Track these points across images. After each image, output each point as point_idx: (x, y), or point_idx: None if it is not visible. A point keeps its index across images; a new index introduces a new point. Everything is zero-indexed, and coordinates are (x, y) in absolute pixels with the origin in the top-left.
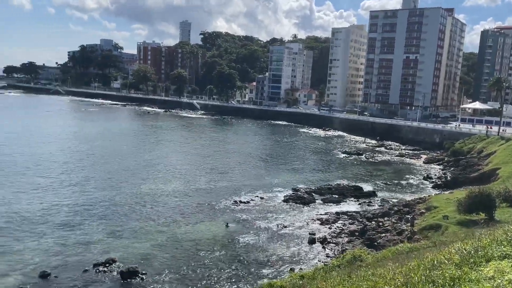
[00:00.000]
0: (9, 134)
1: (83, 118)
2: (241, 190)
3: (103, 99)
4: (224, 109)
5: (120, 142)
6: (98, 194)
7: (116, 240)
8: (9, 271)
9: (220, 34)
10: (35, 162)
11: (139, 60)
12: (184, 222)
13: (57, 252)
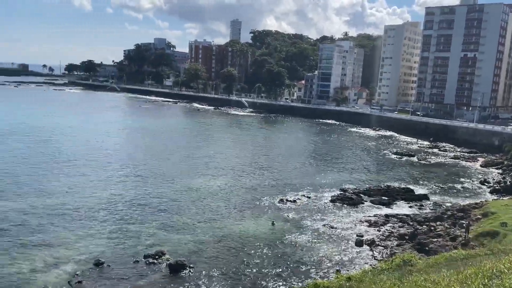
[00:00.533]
0: (71, 128)
1: (138, 114)
2: (288, 189)
3: (155, 96)
4: (272, 107)
5: (171, 138)
6: (150, 188)
7: (166, 233)
8: (67, 259)
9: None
10: (93, 155)
11: (191, 58)
12: (231, 218)
13: (111, 243)
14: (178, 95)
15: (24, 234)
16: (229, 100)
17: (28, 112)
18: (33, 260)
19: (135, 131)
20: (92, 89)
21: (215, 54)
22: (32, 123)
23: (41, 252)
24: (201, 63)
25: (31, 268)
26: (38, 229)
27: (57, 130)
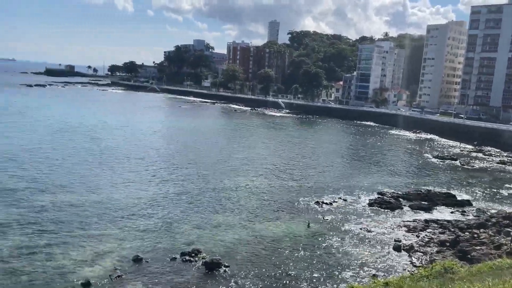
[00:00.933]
0: (115, 127)
1: (177, 115)
2: (324, 191)
3: (194, 97)
4: (309, 108)
5: (208, 138)
6: (188, 186)
7: (202, 232)
8: (107, 253)
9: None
10: (135, 154)
11: (229, 59)
12: (266, 218)
13: (149, 239)
14: (215, 96)
15: (70, 227)
16: (266, 101)
17: (76, 111)
18: (78, 252)
19: (174, 131)
20: (134, 90)
21: (253, 55)
22: (80, 122)
23: (85, 245)
24: (239, 64)
25: (76, 260)
26: (83, 223)
27: (102, 128)
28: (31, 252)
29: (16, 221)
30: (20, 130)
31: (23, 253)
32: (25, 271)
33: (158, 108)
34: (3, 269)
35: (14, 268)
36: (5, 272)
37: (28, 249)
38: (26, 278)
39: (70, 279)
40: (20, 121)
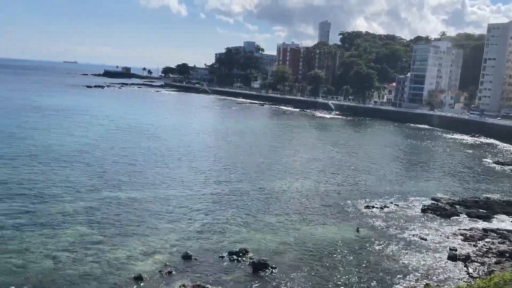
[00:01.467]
0: (167, 126)
1: (227, 115)
2: (374, 195)
3: (243, 98)
4: (360, 110)
5: (257, 139)
6: (236, 186)
7: (249, 232)
8: (158, 249)
9: (360, 33)
10: (186, 152)
11: (278, 61)
12: (314, 221)
13: (198, 237)
14: (264, 97)
15: (124, 222)
16: (315, 102)
17: (132, 111)
18: (131, 247)
19: (224, 132)
20: (185, 91)
21: (303, 56)
22: (136, 121)
23: (138, 240)
24: (289, 65)
25: (129, 254)
26: (136, 219)
27: (157, 127)
28: (88, 244)
29: (74, 215)
30: (82, 128)
31: (81, 245)
32: (83, 262)
33: (209, 109)
34: (62, 260)
35: (72, 259)
36: (63, 263)
37: (86, 242)
38: (83, 269)
39: (123, 272)
40: (82, 120)
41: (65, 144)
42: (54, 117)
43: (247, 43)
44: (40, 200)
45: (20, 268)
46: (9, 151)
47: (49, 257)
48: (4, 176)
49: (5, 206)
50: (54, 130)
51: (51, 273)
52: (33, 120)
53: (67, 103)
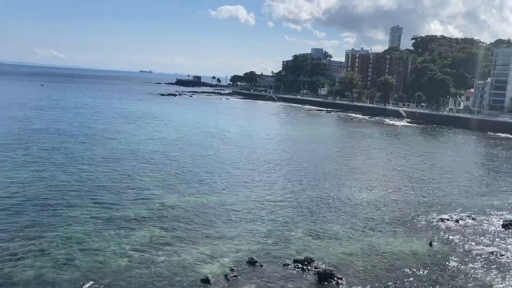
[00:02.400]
0: (235, 132)
1: (293, 122)
2: (449, 207)
3: (310, 105)
4: (434, 118)
5: (324, 146)
6: (302, 194)
7: (315, 240)
8: (224, 253)
9: (434, 37)
10: (253, 158)
11: (347, 67)
12: (382, 232)
13: (263, 243)
14: (332, 104)
15: (192, 225)
16: (385, 110)
17: (202, 118)
18: (198, 250)
19: (290, 138)
20: (252, 98)
21: (372, 62)
22: (206, 127)
23: (205, 244)
24: (357, 71)
25: (195, 258)
26: (203, 223)
27: (226, 133)
28: (159, 245)
29: (147, 217)
30: (158, 133)
31: (152, 246)
32: (154, 263)
33: (275, 116)
34: (135, 259)
35: (144, 259)
36: (137, 262)
37: (157, 243)
38: (154, 269)
39: (191, 274)
40: (157, 125)
41: (143, 149)
42: (135, 123)
43: (315, 50)
44: (117, 201)
45: (99, 264)
46: (97, 153)
47: (124, 256)
48: (90, 177)
49: (88, 205)
50: (134, 135)
51: (125, 270)
52: (116, 126)
53: (144, 110)
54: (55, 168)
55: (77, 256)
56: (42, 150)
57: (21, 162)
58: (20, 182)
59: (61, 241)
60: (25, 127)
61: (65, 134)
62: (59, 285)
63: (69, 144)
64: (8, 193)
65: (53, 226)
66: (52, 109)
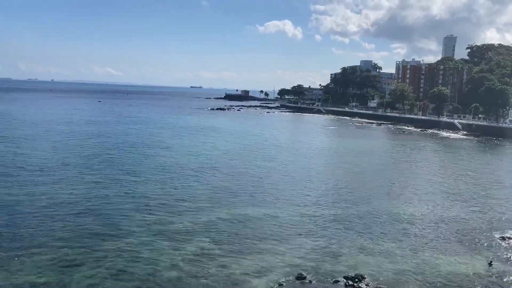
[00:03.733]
0: (283, 145)
1: (341, 135)
2: (510, 224)
3: (359, 118)
4: (492, 130)
5: (372, 159)
6: (351, 208)
7: (366, 257)
8: (273, 267)
9: (491, 46)
10: (301, 172)
11: (397, 79)
12: (437, 250)
13: (312, 258)
14: (382, 116)
15: (241, 238)
16: (438, 122)
17: (250, 131)
18: (247, 263)
19: (340, 151)
20: (300, 112)
21: (424, 73)
22: (254, 141)
23: (254, 257)
24: (409, 83)
25: (244, 271)
26: (251, 236)
27: (272, 147)
28: (208, 258)
29: (196, 229)
30: (208, 146)
31: (201, 258)
32: (203, 275)
33: (323, 129)
34: (185, 271)
35: (194, 272)
36: (186, 274)
37: (206, 256)
38: (204, 282)
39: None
40: (208, 139)
41: (193, 161)
42: (186, 136)
43: (364, 62)
44: (168, 213)
45: (149, 276)
46: (150, 166)
47: (175, 268)
48: (142, 189)
49: (141, 216)
50: (185, 148)
51: (176, 282)
52: (168, 139)
53: (195, 124)
54: (109, 180)
55: (130, 267)
56: (100, 162)
57: (79, 173)
58: (78, 193)
59: (115, 251)
60: (84, 141)
61: (119, 148)
62: None
63: (124, 157)
64: (67, 203)
65: (108, 236)
66: (108, 124)
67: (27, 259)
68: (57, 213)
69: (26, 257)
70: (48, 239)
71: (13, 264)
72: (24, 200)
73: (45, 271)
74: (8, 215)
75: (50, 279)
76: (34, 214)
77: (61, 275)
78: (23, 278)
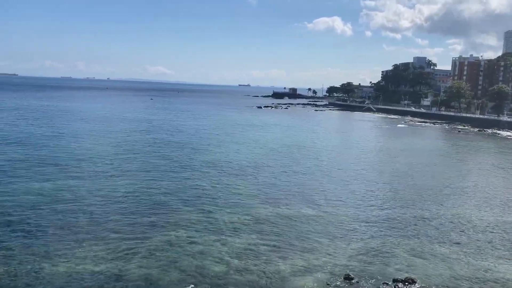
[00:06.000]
0: (330, 144)
1: (392, 134)
2: None
3: (411, 117)
4: None
5: (428, 160)
6: (402, 209)
7: (417, 260)
8: (320, 267)
9: None
10: (349, 171)
11: (453, 76)
12: (494, 256)
13: (360, 259)
14: (436, 115)
15: (288, 237)
16: (498, 121)
17: (297, 129)
18: (294, 261)
19: (390, 151)
20: (349, 110)
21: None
22: (301, 138)
23: (300, 256)
24: (466, 80)
25: (291, 269)
26: (298, 235)
27: (320, 145)
28: (256, 254)
29: (244, 225)
30: (253, 143)
31: (247, 255)
32: (250, 271)
33: (373, 127)
34: (233, 266)
35: (241, 267)
36: (234, 269)
37: (253, 252)
38: (251, 277)
39: (286, 286)
40: (253, 136)
41: (242, 158)
42: (234, 134)
43: (417, 59)
44: (217, 208)
45: (198, 268)
46: (199, 161)
47: (222, 262)
48: (193, 184)
49: (191, 211)
50: (233, 145)
51: (223, 277)
52: (217, 136)
53: (242, 121)
54: (162, 175)
55: (179, 259)
56: (155, 157)
57: (134, 168)
58: (133, 187)
59: (166, 244)
60: (140, 137)
61: (171, 143)
62: (164, 286)
63: (177, 152)
64: (123, 197)
65: (160, 228)
66: (159, 121)
67: (87, 249)
68: (113, 205)
69: (87, 247)
70: (105, 230)
71: (76, 253)
72: (83, 192)
73: (102, 260)
74: (69, 206)
75: (106, 267)
76: (93, 206)
77: (116, 264)
78: (83, 266)
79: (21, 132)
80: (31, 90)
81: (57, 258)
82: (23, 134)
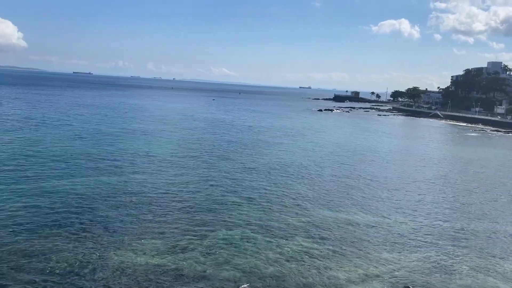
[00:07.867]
0: (392, 151)
1: (460, 143)
2: None
3: (483, 125)
4: None
5: (498, 172)
6: (469, 223)
7: (481, 276)
8: (378, 277)
9: None
10: (411, 179)
11: None
12: None
13: (422, 271)
14: (511, 124)
15: (342, 242)
16: None
17: (357, 134)
18: (350, 269)
19: (459, 160)
20: (415, 116)
21: None
22: (361, 144)
23: (357, 264)
24: None
25: (347, 276)
26: (355, 241)
27: (380, 151)
28: (310, 258)
29: (298, 228)
30: (311, 145)
31: (301, 258)
32: (305, 274)
33: (440, 135)
34: (287, 268)
35: (296, 270)
36: (288, 271)
37: (307, 255)
38: (306, 280)
39: None
40: (312, 140)
41: (299, 161)
42: (293, 135)
43: (492, 64)
44: (272, 209)
45: (253, 269)
46: (258, 163)
47: (276, 263)
48: (250, 184)
49: (247, 211)
50: (291, 146)
51: (276, 278)
52: (276, 138)
53: (302, 124)
54: (219, 174)
55: (235, 258)
56: (215, 157)
57: (195, 166)
58: (193, 185)
59: (222, 242)
60: (202, 136)
61: (231, 144)
62: (219, 283)
63: (236, 153)
64: (183, 194)
65: (217, 226)
66: (219, 122)
67: (146, 242)
68: (173, 201)
69: (146, 240)
70: (164, 225)
71: (136, 246)
72: (147, 188)
73: (160, 254)
74: (131, 200)
75: (164, 261)
76: (155, 201)
77: (174, 258)
78: (142, 258)
79: (94, 128)
80: (105, 88)
81: (121, 248)
82: (96, 130)
